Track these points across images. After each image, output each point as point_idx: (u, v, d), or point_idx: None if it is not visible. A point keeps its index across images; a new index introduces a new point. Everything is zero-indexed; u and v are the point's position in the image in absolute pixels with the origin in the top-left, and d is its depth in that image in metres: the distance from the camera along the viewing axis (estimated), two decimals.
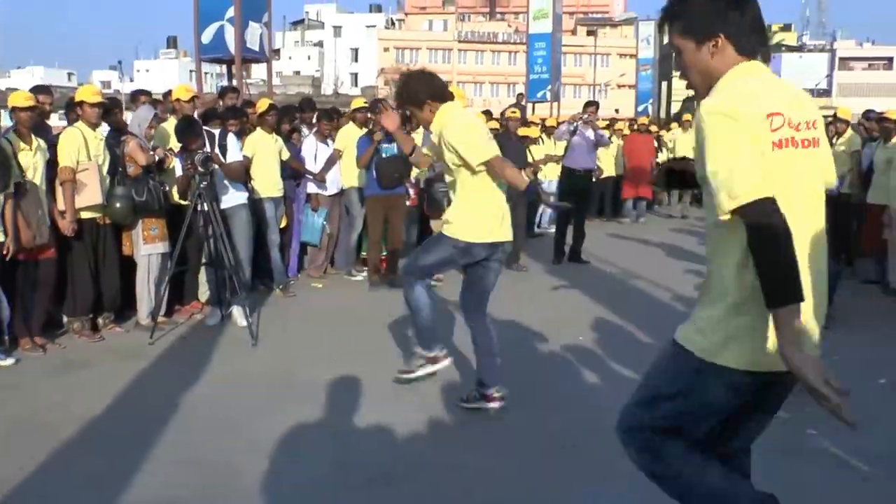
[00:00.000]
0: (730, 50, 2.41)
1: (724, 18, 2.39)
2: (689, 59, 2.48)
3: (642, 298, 8.63)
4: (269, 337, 6.76)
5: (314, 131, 9.35)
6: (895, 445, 4.49)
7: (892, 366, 5.73)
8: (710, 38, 2.42)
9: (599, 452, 4.35)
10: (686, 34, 2.45)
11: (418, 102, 4.66)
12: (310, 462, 4.25)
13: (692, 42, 2.45)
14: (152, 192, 6.70)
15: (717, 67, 2.43)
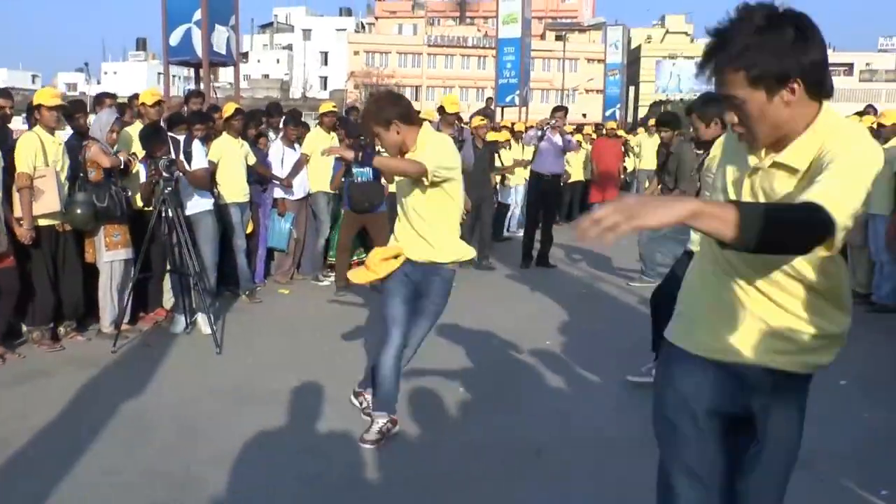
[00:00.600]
0: (803, 94, 2.09)
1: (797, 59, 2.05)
2: (755, 111, 2.11)
3: (609, 303, 8.66)
4: (234, 344, 6.69)
5: (281, 136, 9.29)
6: (851, 445, 4.54)
7: (853, 365, 5.76)
8: (786, 85, 2.07)
9: (564, 458, 4.37)
10: (755, 83, 2.07)
11: (385, 123, 4.60)
12: (273, 472, 4.20)
13: (762, 91, 2.08)
14: (114, 198, 6.56)
15: (791, 117, 2.11)
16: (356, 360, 6.21)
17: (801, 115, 2.09)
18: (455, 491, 4.01)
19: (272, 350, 6.61)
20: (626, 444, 4.56)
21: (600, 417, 5.00)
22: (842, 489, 3.94)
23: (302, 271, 9.62)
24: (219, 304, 7.89)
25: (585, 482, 4.10)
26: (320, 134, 9.46)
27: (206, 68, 15.59)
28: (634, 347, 6.53)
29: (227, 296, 8.41)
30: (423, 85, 69.58)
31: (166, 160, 6.59)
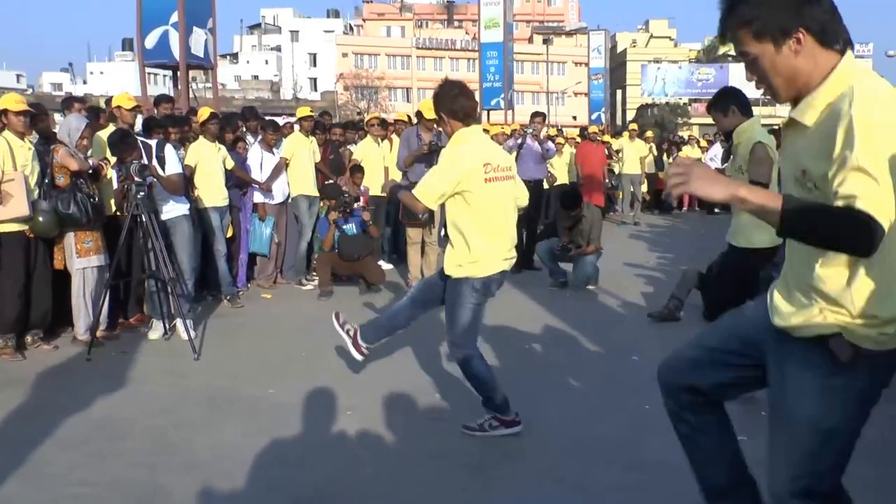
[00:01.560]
0: (812, 44, 2.19)
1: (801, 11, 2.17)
2: (767, 64, 2.24)
3: (594, 305, 8.64)
4: (213, 350, 6.64)
5: (259, 140, 9.25)
6: None
7: None
8: (790, 35, 2.19)
9: (545, 460, 4.34)
10: (761, 36, 2.20)
11: (437, 112, 4.66)
12: (245, 481, 4.14)
13: (769, 44, 2.21)
14: (80, 205, 6.42)
15: (803, 67, 2.21)
16: (334, 366, 6.18)
17: (817, 66, 2.18)
18: (430, 497, 3.97)
19: (251, 356, 6.55)
20: (603, 447, 4.54)
21: (580, 424, 4.95)
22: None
23: (285, 276, 9.57)
24: (200, 310, 7.87)
25: (564, 486, 4.06)
26: (299, 138, 9.43)
27: (184, 71, 15.54)
28: (618, 352, 6.53)
29: (209, 301, 8.37)
30: (412, 87, 69.60)
31: (138, 164, 6.52)
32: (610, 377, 5.86)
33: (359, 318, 7.73)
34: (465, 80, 5.12)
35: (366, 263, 9.12)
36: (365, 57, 69.88)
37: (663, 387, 2.92)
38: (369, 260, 9.26)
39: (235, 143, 8.97)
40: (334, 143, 10.34)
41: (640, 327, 7.49)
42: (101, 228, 6.81)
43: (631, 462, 4.34)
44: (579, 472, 4.26)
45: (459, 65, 69.44)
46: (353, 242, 9.00)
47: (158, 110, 9.02)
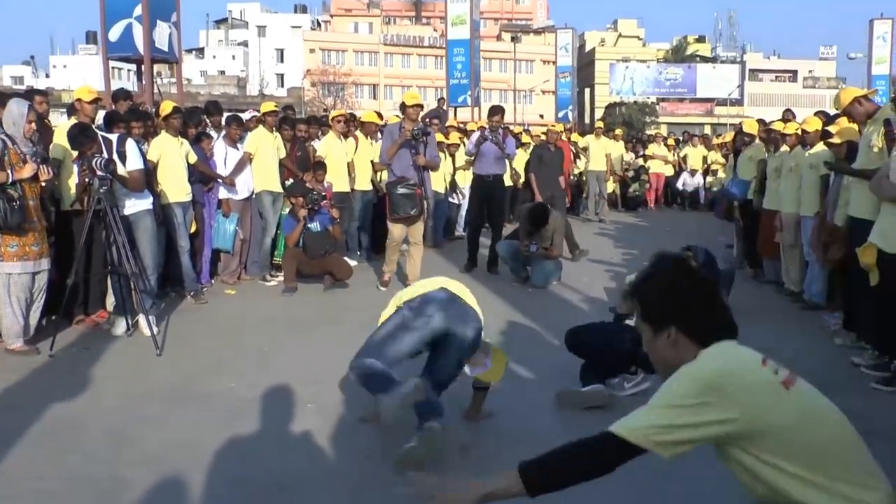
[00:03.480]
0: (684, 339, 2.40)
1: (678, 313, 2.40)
2: (647, 341, 2.48)
3: (555, 300, 8.76)
4: (175, 346, 6.65)
5: (223, 135, 9.27)
6: None
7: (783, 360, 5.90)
8: (664, 330, 2.41)
9: (499, 451, 4.43)
10: (644, 320, 2.47)
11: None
12: (204, 475, 4.17)
13: (650, 328, 2.45)
14: (5, 207, 5.98)
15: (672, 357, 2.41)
16: (295, 361, 6.23)
17: (685, 357, 2.37)
18: (383, 489, 4.02)
19: (213, 351, 6.58)
20: (555, 440, 4.62)
21: (532, 416, 5.07)
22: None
23: (249, 272, 9.60)
24: (164, 306, 7.85)
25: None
26: (263, 133, 9.46)
27: (148, 65, 15.47)
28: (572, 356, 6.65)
29: (172, 297, 8.36)
30: (380, 84, 69.49)
31: (103, 159, 6.49)
32: (566, 371, 5.97)
33: (322, 314, 7.89)
34: (433, 77, 5.14)
35: (333, 260, 9.18)
36: (332, 53, 69.64)
37: None
38: (335, 256, 9.32)
39: (199, 138, 8.97)
40: (300, 140, 10.38)
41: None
42: (41, 234, 6.40)
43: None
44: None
45: (427, 62, 69.44)
46: (317, 239, 9.07)
47: (117, 106, 8.99)
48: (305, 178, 9.72)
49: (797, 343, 6.84)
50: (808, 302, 8.21)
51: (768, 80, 71.83)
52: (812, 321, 7.66)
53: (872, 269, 5.69)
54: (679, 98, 68.51)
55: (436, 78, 62.74)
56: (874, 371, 5.96)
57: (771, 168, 9.09)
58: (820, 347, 6.79)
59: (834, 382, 5.74)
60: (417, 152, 8.60)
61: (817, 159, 7.79)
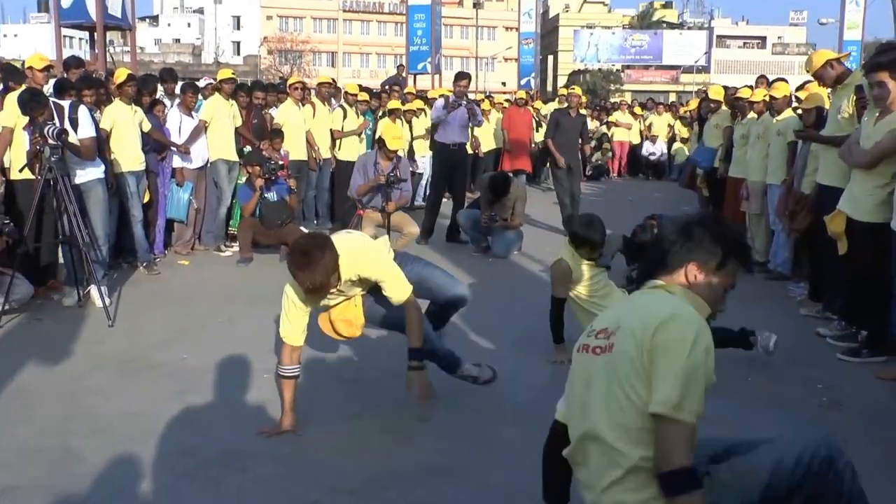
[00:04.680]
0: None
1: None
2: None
3: (515, 269, 8.70)
4: (128, 317, 6.52)
5: (178, 103, 9.05)
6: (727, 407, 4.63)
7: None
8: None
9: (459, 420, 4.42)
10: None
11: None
12: (157, 445, 4.12)
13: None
14: None
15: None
16: (251, 331, 6.14)
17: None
18: (347, 457, 4.01)
19: (166, 322, 6.46)
20: (515, 407, 4.66)
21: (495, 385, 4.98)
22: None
23: (203, 242, 9.42)
24: (116, 276, 7.70)
25: (470, 446, 4.13)
26: (219, 100, 9.25)
27: (101, 32, 15.12)
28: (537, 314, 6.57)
29: (124, 268, 8.18)
30: (338, 51, 68.79)
31: (55, 127, 6.30)
32: (526, 339, 5.90)
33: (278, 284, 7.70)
34: (393, 45, 5.00)
35: (289, 230, 8.99)
36: (290, 20, 68.64)
37: None
38: (292, 226, 9.15)
39: (153, 105, 8.73)
40: (257, 108, 10.15)
41: None
42: None
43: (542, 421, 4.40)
44: (492, 430, 4.37)
45: (387, 28, 68.85)
46: (274, 209, 8.89)
47: (68, 74, 8.72)
48: (262, 147, 9.50)
49: (762, 312, 6.81)
50: (773, 272, 8.19)
51: (736, 46, 71.73)
52: (777, 291, 7.65)
53: (841, 237, 5.65)
54: (644, 65, 68.33)
55: (396, 45, 62.30)
56: (840, 342, 5.95)
57: (738, 135, 9.05)
58: (785, 318, 6.76)
59: (799, 353, 5.82)
60: (389, 199, 8.32)
61: (785, 126, 7.75)
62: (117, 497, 3.60)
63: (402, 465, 3.96)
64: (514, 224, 9.46)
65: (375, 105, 12.58)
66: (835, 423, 4.57)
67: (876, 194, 5.37)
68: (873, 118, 5.45)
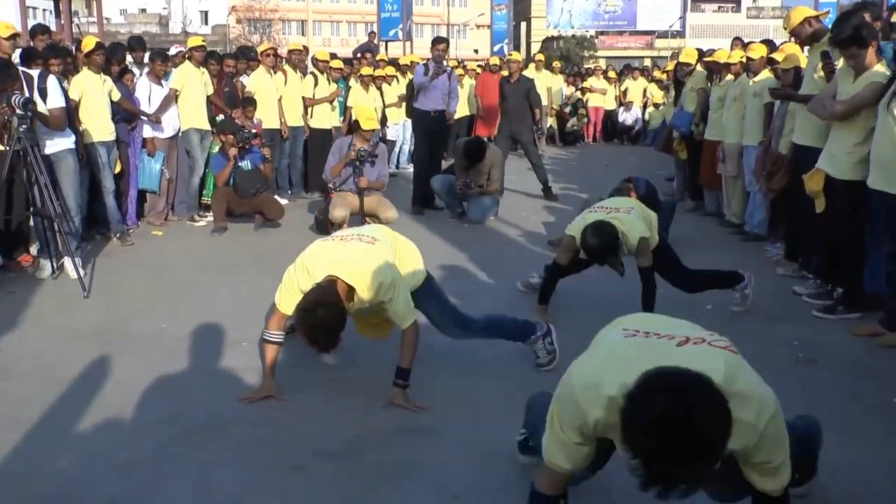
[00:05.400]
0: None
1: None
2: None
3: (492, 235, 8.69)
4: (103, 288, 6.45)
5: (147, 72, 8.90)
6: None
7: (718, 292, 5.93)
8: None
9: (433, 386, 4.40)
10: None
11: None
12: (138, 414, 4.11)
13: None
14: None
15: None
16: (227, 300, 6.13)
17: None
18: (316, 421, 4.03)
19: (142, 292, 6.41)
20: (493, 369, 4.68)
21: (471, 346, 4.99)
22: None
23: (176, 212, 9.33)
24: (89, 248, 7.61)
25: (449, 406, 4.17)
26: (190, 68, 9.12)
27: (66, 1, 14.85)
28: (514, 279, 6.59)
29: (97, 240, 8.09)
30: (308, 19, 67.97)
31: (22, 97, 6.18)
32: (504, 303, 5.90)
33: (253, 254, 7.70)
34: (363, 13, 4.87)
35: (264, 199, 8.95)
36: None
37: None
38: (267, 195, 9.09)
39: (122, 74, 8.60)
40: (228, 75, 10.02)
41: (538, 255, 7.54)
42: None
43: (520, 378, 4.49)
44: (471, 389, 4.41)
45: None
46: (248, 178, 8.80)
47: (35, 42, 8.56)
48: (235, 116, 9.39)
49: None
50: (750, 233, 8.24)
51: (710, 10, 71.18)
52: (754, 252, 7.69)
53: (819, 196, 5.68)
54: (618, 31, 67.90)
55: (366, 13, 61.64)
56: (816, 300, 6.02)
57: (714, 98, 9.05)
58: (762, 277, 6.78)
59: (777, 311, 5.88)
60: (360, 174, 8.24)
61: (762, 87, 7.76)
62: (101, 466, 3.58)
63: (382, 427, 3.98)
64: (489, 189, 9.42)
65: (348, 72, 12.46)
66: (812, 378, 4.65)
67: (855, 152, 5.42)
68: (851, 75, 5.47)
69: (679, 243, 6.71)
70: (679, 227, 7.96)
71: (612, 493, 3.10)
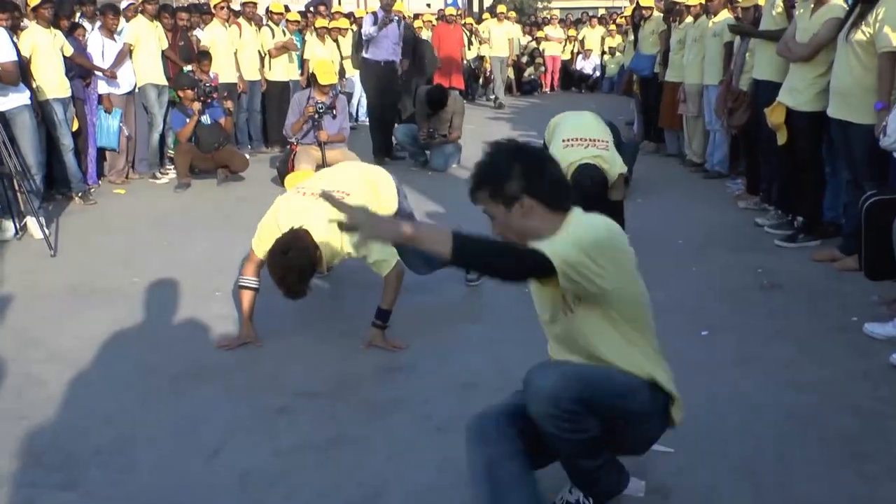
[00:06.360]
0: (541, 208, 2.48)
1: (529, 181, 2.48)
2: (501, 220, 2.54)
3: (457, 183, 8.64)
4: (70, 246, 6.39)
5: (99, 26, 8.68)
6: (679, 296, 4.84)
7: (685, 227, 6.06)
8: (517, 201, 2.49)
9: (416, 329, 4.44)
10: (494, 199, 2.53)
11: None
12: (116, 367, 4.11)
13: (501, 206, 2.52)
14: None
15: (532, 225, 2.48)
16: (198, 252, 6.12)
17: (546, 225, 2.48)
18: (296, 365, 4.08)
19: (110, 249, 6.35)
20: (466, 310, 4.75)
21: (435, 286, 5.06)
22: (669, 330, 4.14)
23: (137, 170, 9.20)
24: (51, 208, 7.50)
25: (426, 345, 4.23)
26: (144, 22, 8.92)
27: None
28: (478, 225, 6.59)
29: (59, 199, 7.94)
30: None
31: None
32: None
33: (219, 207, 7.65)
34: None
35: (227, 152, 8.86)
36: None
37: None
38: (230, 148, 9.01)
39: (73, 29, 8.38)
40: (182, 29, 9.83)
41: None
42: None
43: (496, 318, 4.60)
44: (447, 329, 4.48)
45: None
46: (210, 132, 8.70)
47: None
48: (193, 70, 9.25)
49: (703, 208, 7.04)
50: (711, 171, 8.37)
51: None
52: (716, 188, 7.85)
53: (781, 128, 5.78)
54: None
55: None
56: (777, 230, 6.19)
57: (675, 40, 9.08)
58: (725, 211, 6.98)
59: (741, 242, 6.04)
60: (320, 127, 8.16)
61: (721, 27, 7.82)
62: (87, 418, 3.58)
63: (361, 367, 4.04)
64: (452, 137, 9.42)
65: (303, 25, 12.30)
66: (777, 303, 4.79)
67: (815, 84, 5.52)
68: (808, 10, 5.55)
69: (642, 184, 6.85)
70: (641, 168, 8.06)
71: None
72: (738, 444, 3.18)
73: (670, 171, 8.91)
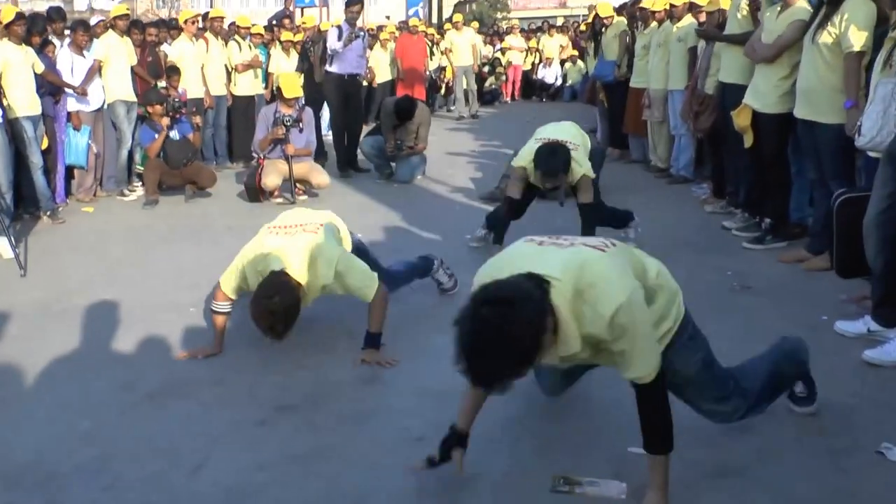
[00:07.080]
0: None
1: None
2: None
3: (423, 194, 8.77)
4: (39, 265, 6.33)
5: (69, 42, 8.62)
6: None
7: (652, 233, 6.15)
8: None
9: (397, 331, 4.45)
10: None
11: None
12: (91, 384, 4.09)
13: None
14: None
15: None
16: (170, 267, 6.12)
17: None
18: (272, 377, 4.11)
19: (80, 268, 6.30)
20: (438, 316, 4.63)
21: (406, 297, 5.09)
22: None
23: (105, 188, 9.12)
24: (19, 228, 7.40)
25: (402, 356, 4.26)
26: (114, 38, 8.88)
27: None
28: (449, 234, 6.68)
29: (26, 219, 7.84)
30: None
31: None
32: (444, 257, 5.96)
33: (188, 223, 7.62)
34: None
35: (195, 168, 8.84)
36: None
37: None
38: (198, 164, 9.00)
39: (43, 46, 8.31)
40: (150, 45, 9.79)
41: (471, 210, 7.66)
42: None
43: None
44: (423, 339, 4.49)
45: None
46: (178, 148, 8.68)
47: None
48: (164, 87, 9.22)
49: (670, 213, 7.13)
50: (676, 176, 8.48)
51: None
52: (682, 193, 7.97)
53: (747, 131, 5.89)
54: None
55: None
56: (744, 232, 6.30)
57: (639, 46, 9.20)
58: (691, 216, 7.08)
59: (709, 246, 6.15)
60: (287, 141, 8.19)
61: (685, 32, 7.95)
62: (66, 437, 3.56)
63: (337, 378, 4.07)
64: (419, 149, 9.46)
65: (268, 38, 12.28)
66: (747, 304, 4.89)
67: (781, 86, 5.65)
68: (775, 13, 5.68)
69: (608, 190, 6.92)
70: (607, 174, 8.05)
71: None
72: (715, 444, 3.25)
73: (635, 177, 9.02)
